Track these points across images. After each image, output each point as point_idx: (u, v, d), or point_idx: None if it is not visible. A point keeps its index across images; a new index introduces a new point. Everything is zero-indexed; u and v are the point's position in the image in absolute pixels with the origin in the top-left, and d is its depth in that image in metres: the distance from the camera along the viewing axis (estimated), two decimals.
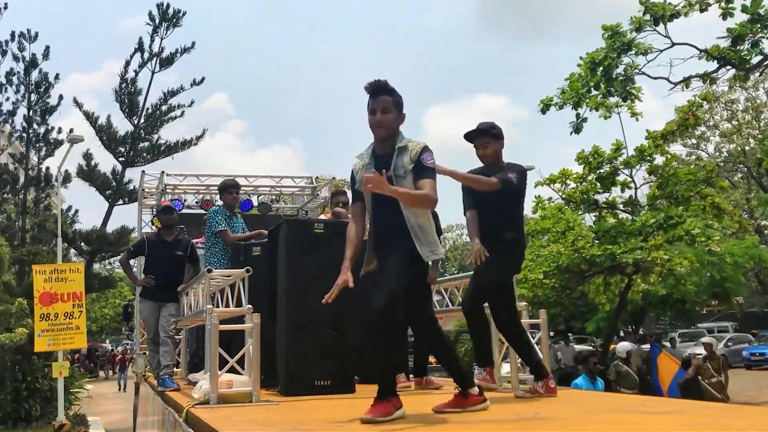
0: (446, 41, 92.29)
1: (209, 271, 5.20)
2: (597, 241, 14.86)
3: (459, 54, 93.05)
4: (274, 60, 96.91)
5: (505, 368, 5.72)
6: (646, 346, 14.89)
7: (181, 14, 18.96)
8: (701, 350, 14.31)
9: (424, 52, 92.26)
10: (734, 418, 3.38)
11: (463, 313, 4.62)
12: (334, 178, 11.41)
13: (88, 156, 18.62)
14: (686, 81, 10.97)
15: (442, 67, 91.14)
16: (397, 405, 3.34)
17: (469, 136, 4.55)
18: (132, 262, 9.55)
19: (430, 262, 3.85)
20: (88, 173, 18.53)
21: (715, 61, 10.69)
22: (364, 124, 3.61)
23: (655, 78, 10.88)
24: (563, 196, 16.52)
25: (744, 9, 9.77)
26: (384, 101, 3.51)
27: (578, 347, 21.65)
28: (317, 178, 11.65)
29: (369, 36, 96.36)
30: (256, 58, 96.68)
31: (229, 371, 4.71)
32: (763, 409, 3.77)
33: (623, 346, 12.36)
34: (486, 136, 4.49)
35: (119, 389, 25.70)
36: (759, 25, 9.94)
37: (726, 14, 9.87)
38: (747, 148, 36.53)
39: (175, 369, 7.11)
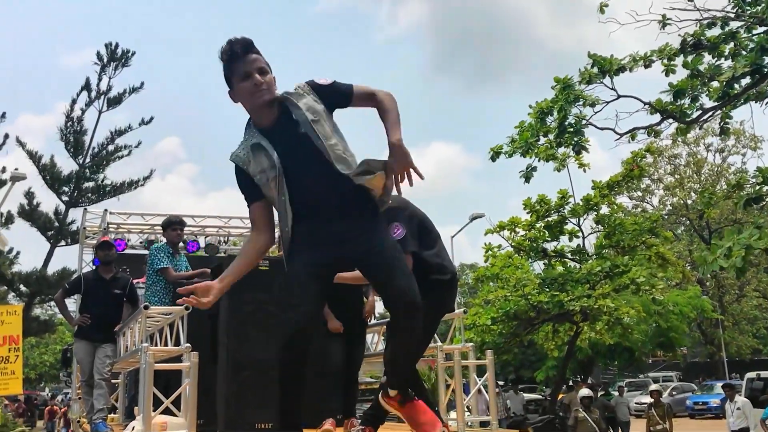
0: (402, 87, 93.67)
1: (146, 307, 4.99)
2: (546, 289, 14.97)
3: (415, 101, 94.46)
4: (229, 104, 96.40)
5: None
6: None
7: (130, 54, 18.92)
8: (648, 399, 14.46)
9: None
10: None
11: None
12: None
13: (29, 195, 18.16)
14: (632, 132, 11.27)
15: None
16: None
17: None
18: (72, 303, 9.15)
19: None
20: (30, 213, 18.00)
21: (659, 114, 11.03)
22: None
23: (602, 129, 11.13)
24: (512, 244, 16.67)
25: (685, 65, 10.18)
26: (257, 60, 2.79)
27: (527, 396, 21.65)
28: None
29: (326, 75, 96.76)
30: (209, 102, 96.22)
31: (165, 413, 4.49)
32: None
33: (584, 392, 12.28)
34: None
35: None
36: (698, 81, 10.36)
37: (668, 71, 10.25)
38: (689, 201, 37.85)
39: (111, 414, 6.75)
